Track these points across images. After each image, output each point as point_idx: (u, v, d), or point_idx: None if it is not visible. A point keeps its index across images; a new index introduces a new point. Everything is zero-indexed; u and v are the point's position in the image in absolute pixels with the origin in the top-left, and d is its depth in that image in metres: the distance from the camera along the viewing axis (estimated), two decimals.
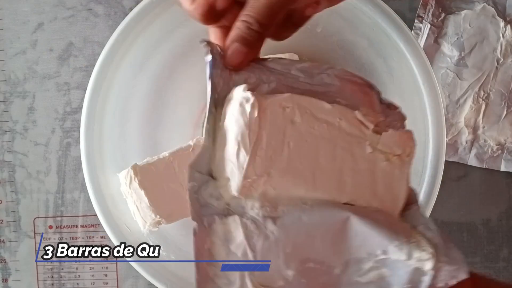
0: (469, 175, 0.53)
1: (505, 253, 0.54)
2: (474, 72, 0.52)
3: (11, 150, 0.55)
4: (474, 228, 0.54)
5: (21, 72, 0.54)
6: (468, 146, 0.53)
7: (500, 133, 0.53)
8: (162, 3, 0.45)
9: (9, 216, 0.55)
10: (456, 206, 0.53)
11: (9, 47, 0.54)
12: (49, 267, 0.55)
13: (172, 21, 0.46)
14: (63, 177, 0.55)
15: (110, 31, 0.53)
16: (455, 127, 0.53)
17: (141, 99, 0.48)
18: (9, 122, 0.55)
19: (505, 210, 0.53)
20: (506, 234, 0.54)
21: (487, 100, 0.52)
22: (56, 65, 0.54)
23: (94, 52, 0.54)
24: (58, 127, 0.54)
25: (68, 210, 0.55)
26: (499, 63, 0.52)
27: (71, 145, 0.54)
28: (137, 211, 0.44)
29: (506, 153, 0.53)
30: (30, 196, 0.55)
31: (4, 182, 0.55)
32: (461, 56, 0.52)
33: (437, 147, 0.44)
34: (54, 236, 0.55)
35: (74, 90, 0.54)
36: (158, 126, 0.49)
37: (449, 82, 0.52)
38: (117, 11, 0.54)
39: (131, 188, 0.44)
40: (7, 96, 0.55)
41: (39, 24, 0.54)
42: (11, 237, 0.55)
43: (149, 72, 0.48)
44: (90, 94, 0.46)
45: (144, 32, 0.46)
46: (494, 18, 0.52)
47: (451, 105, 0.53)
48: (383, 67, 0.46)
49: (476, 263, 0.54)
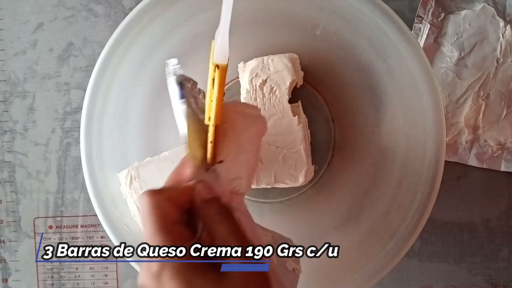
0: (469, 175, 0.53)
1: (505, 253, 0.54)
2: (474, 72, 0.52)
3: (11, 150, 0.55)
4: (474, 228, 0.54)
5: (21, 72, 0.54)
6: (468, 146, 0.53)
7: (500, 133, 0.53)
8: (162, 3, 0.45)
9: (9, 216, 0.55)
10: (456, 206, 0.53)
11: (9, 47, 0.54)
12: (49, 267, 0.55)
13: (172, 21, 0.46)
14: (63, 177, 0.55)
15: (110, 31, 0.53)
16: (455, 127, 0.53)
17: (141, 99, 0.48)
18: (9, 122, 0.55)
19: (505, 210, 0.53)
20: (506, 234, 0.54)
21: (487, 100, 0.52)
22: (56, 65, 0.54)
23: (94, 52, 0.54)
24: (58, 127, 0.54)
25: (68, 210, 0.55)
26: (499, 63, 0.52)
27: (71, 145, 0.54)
28: (137, 211, 0.44)
29: (506, 153, 0.53)
30: (30, 196, 0.55)
31: (4, 182, 0.55)
32: (461, 56, 0.52)
33: (437, 147, 0.44)
34: (54, 236, 0.55)
35: (74, 90, 0.54)
36: (158, 126, 0.49)
37: (449, 82, 0.52)
38: (117, 11, 0.54)
39: (132, 188, 0.44)
40: (7, 96, 0.55)
41: (39, 24, 0.54)
42: (11, 237, 0.55)
43: (149, 72, 0.48)
44: (90, 94, 0.46)
45: (144, 32, 0.46)
46: (494, 18, 0.52)
47: (451, 105, 0.52)
48: (383, 67, 0.46)
49: (476, 263, 0.54)
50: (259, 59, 0.45)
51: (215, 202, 0.32)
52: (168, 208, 0.30)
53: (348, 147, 0.49)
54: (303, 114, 0.47)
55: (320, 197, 0.50)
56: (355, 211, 0.48)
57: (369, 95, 0.47)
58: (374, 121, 0.47)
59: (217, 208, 0.31)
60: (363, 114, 0.48)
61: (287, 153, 0.45)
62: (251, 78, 0.45)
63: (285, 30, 0.47)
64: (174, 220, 0.30)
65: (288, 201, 0.50)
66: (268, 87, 0.45)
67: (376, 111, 0.47)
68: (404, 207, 0.46)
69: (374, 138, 0.47)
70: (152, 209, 0.29)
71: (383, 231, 0.46)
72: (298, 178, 0.45)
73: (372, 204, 0.47)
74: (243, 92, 0.46)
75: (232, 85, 0.49)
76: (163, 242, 0.29)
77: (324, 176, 0.50)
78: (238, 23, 0.47)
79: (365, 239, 0.47)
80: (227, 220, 0.31)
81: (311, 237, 0.47)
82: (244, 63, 0.46)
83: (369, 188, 0.47)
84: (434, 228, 0.53)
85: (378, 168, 0.47)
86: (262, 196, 0.50)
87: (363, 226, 0.47)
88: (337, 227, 0.48)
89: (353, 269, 0.46)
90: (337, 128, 0.50)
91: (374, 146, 0.47)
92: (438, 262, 0.54)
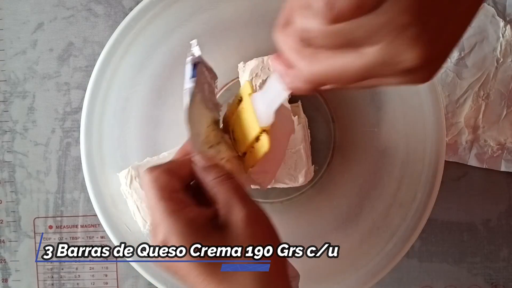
0: (469, 175, 0.53)
1: (505, 253, 0.54)
2: (473, 72, 0.52)
3: (11, 150, 0.55)
4: (474, 228, 0.54)
5: (21, 72, 0.54)
6: (468, 146, 0.53)
7: (500, 133, 0.52)
8: (162, 3, 0.45)
9: (9, 216, 0.55)
10: (456, 206, 0.53)
11: (9, 47, 0.54)
12: (49, 267, 0.55)
13: (172, 21, 0.46)
14: (63, 177, 0.55)
15: (110, 31, 0.53)
16: (455, 127, 0.53)
17: (141, 99, 0.48)
18: (9, 122, 0.55)
19: (505, 210, 0.53)
20: (506, 234, 0.54)
21: (487, 100, 0.52)
22: (56, 65, 0.54)
23: (94, 52, 0.54)
24: (58, 127, 0.54)
25: (68, 210, 0.55)
26: (499, 63, 0.52)
27: (71, 145, 0.54)
28: (137, 211, 0.44)
29: (506, 153, 0.53)
30: (30, 196, 0.55)
31: (4, 182, 0.55)
32: (460, 56, 0.52)
33: (437, 147, 0.44)
34: (54, 236, 0.55)
35: (74, 90, 0.54)
36: (158, 126, 0.49)
37: (449, 82, 0.52)
38: (117, 11, 0.54)
39: (132, 187, 0.44)
40: (7, 96, 0.55)
41: (39, 24, 0.54)
42: (11, 237, 0.55)
43: (149, 72, 0.48)
44: (90, 94, 0.46)
45: (144, 32, 0.46)
46: (494, 18, 0.52)
47: (451, 105, 0.52)
48: None
49: (476, 263, 0.54)
50: (259, 59, 0.45)
51: (214, 168, 0.32)
52: (168, 179, 0.31)
53: (348, 147, 0.49)
54: (303, 114, 0.47)
55: (320, 197, 0.50)
56: (355, 211, 0.48)
57: (369, 95, 0.47)
58: (374, 121, 0.47)
59: (216, 172, 0.32)
60: (363, 114, 0.48)
61: (287, 153, 0.45)
62: (251, 78, 0.45)
63: None
64: (173, 189, 0.31)
65: (288, 201, 0.50)
66: None
67: (376, 111, 0.47)
68: (404, 207, 0.46)
69: (374, 138, 0.47)
70: (152, 182, 0.31)
71: (383, 231, 0.46)
72: (298, 178, 0.45)
73: (372, 204, 0.47)
74: None
75: (232, 85, 0.49)
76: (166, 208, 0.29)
77: (324, 176, 0.50)
78: (238, 23, 0.47)
79: (365, 239, 0.47)
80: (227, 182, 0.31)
81: (311, 237, 0.47)
82: (244, 63, 0.46)
83: (369, 188, 0.47)
84: (434, 228, 0.53)
85: (378, 168, 0.47)
86: (262, 196, 0.50)
87: (363, 226, 0.47)
88: (337, 227, 0.48)
89: (353, 269, 0.46)
90: (337, 128, 0.50)
91: (374, 146, 0.47)
92: (438, 262, 0.54)
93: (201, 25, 0.46)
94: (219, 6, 0.46)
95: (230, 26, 0.47)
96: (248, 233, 0.29)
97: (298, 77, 0.25)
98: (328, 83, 0.25)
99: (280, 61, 0.26)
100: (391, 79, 0.24)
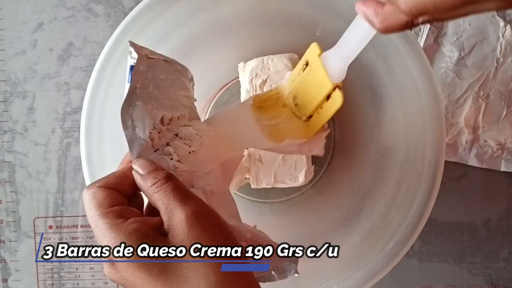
0: (469, 175, 0.53)
1: (505, 253, 0.54)
2: (473, 72, 0.52)
3: (11, 150, 0.55)
4: (474, 228, 0.54)
5: (21, 72, 0.54)
6: (468, 146, 0.53)
7: (500, 133, 0.53)
8: (162, 3, 0.45)
9: (9, 216, 0.55)
10: (456, 206, 0.53)
11: (9, 47, 0.54)
12: (49, 267, 0.55)
13: (172, 21, 0.46)
14: (63, 177, 0.55)
15: (110, 31, 0.53)
16: (455, 127, 0.53)
17: None
18: (9, 122, 0.55)
19: (505, 210, 0.53)
20: (506, 234, 0.54)
21: (487, 100, 0.52)
22: (56, 65, 0.54)
23: (94, 52, 0.54)
24: (58, 127, 0.54)
25: (68, 210, 0.55)
26: (499, 63, 0.52)
27: (71, 145, 0.54)
28: None
29: (506, 153, 0.53)
30: (30, 196, 0.55)
31: (4, 182, 0.55)
32: (461, 56, 0.52)
33: (437, 147, 0.44)
34: (54, 236, 0.55)
35: (74, 90, 0.54)
36: None
37: (449, 82, 0.52)
38: (117, 11, 0.54)
39: None
40: (7, 96, 0.55)
41: (39, 24, 0.54)
42: (11, 237, 0.55)
43: None
44: (90, 94, 0.46)
45: (144, 32, 0.46)
46: (494, 18, 0.52)
47: (450, 105, 0.52)
48: (383, 67, 0.46)
49: (476, 263, 0.54)
50: (259, 59, 0.45)
51: (150, 174, 0.31)
52: (105, 195, 0.30)
53: (348, 147, 0.49)
54: None
55: (320, 197, 0.50)
56: (355, 211, 0.48)
57: (369, 95, 0.47)
58: (374, 121, 0.47)
59: (152, 178, 0.31)
60: (363, 114, 0.48)
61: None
62: (251, 78, 0.45)
63: (285, 30, 0.47)
64: (112, 203, 0.30)
65: (288, 201, 0.50)
66: (268, 87, 0.45)
67: (376, 111, 0.47)
68: (404, 207, 0.46)
69: (374, 138, 0.47)
70: (89, 200, 0.30)
71: (383, 231, 0.46)
72: (298, 178, 0.45)
73: (372, 204, 0.47)
74: (243, 92, 0.46)
75: (232, 85, 0.49)
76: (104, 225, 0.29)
77: (324, 176, 0.50)
78: (238, 23, 0.47)
79: (365, 239, 0.47)
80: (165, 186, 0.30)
81: (311, 237, 0.47)
82: (244, 63, 0.46)
83: (369, 188, 0.47)
84: (434, 228, 0.53)
85: (378, 168, 0.47)
86: (262, 196, 0.50)
87: (363, 226, 0.47)
88: (337, 227, 0.48)
89: (353, 269, 0.46)
90: (337, 128, 0.50)
91: (374, 146, 0.47)
92: (438, 262, 0.54)
93: (201, 25, 0.46)
94: (219, 6, 0.46)
95: (230, 26, 0.47)
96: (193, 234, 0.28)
97: (394, 12, 0.27)
98: (426, 13, 0.26)
99: (367, 3, 0.28)
100: (487, 4, 0.25)
